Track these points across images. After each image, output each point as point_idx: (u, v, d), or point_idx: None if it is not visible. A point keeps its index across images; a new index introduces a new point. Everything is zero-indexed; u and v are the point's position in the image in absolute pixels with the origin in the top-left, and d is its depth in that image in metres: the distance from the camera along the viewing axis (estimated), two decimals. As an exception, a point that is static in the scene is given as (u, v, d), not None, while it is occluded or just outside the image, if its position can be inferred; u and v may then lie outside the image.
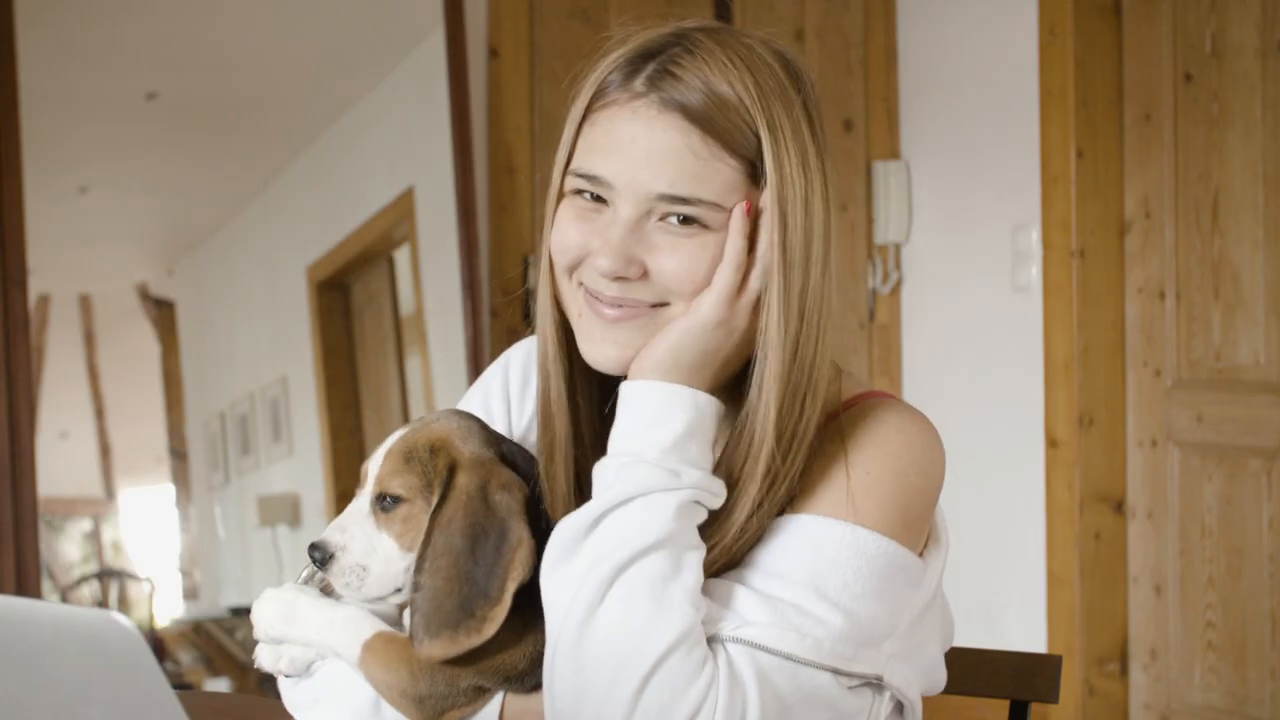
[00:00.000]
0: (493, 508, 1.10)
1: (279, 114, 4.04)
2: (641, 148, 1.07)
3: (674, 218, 1.08)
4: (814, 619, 1.06)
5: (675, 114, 1.07)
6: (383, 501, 1.13)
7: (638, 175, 1.07)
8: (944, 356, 3.55)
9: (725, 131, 1.07)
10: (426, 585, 1.09)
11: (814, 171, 1.09)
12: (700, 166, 1.07)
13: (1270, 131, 2.97)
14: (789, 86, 1.12)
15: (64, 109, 3.47)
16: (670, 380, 1.08)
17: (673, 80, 1.07)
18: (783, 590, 1.07)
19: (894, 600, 1.10)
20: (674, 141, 1.06)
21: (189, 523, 4.92)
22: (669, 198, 1.07)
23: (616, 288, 1.09)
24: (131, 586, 4.79)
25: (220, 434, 5.04)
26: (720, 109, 1.07)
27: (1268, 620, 3.02)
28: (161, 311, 4.52)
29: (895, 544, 1.10)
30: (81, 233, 3.94)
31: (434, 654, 1.08)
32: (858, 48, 3.61)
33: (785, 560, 1.09)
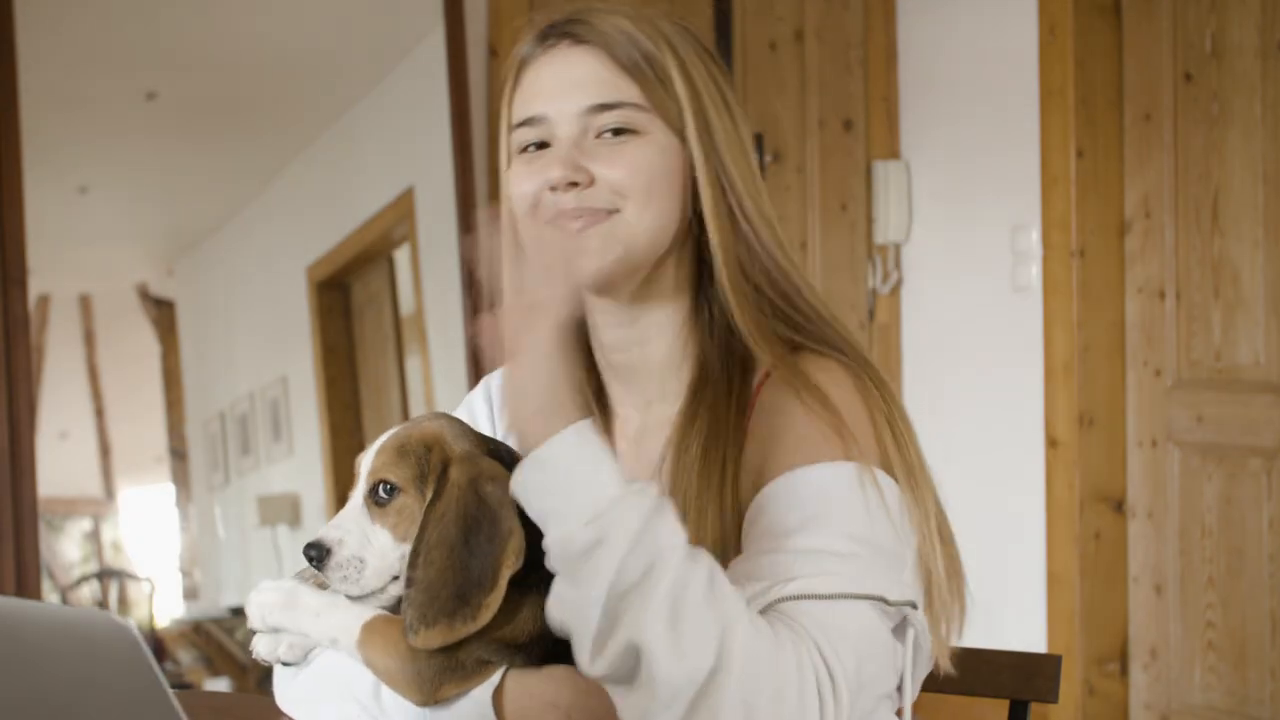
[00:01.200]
0: (484, 499, 1.11)
1: (279, 114, 4.05)
2: (563, 78, 1.21)
3: (608, 132, 1.20)
4: (842, 557, 1.08)
5: (586, 46, 1.21)
6: (377, 493, 1.15)
7: (566, 99, 1.20)
8: (944, 356, 3.55)
9: (630, 56, 1.20)
10: (421, 578, 1.10)
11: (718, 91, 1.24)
12: (617, 78, 1.20)
13: (1270, 131, 2.97)
14: (687, 34, 1.26)
15: (64, 109, 3.47)
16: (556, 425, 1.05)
17: (581, 25, 1.21)
18: (803, 542, 1.08)
19: (900, 528, 1.13)
20: (590, 64, 1.20)
21: (189, 523, 4.92)
22: (596, 107, 1.20)
23: (572, 197, 1.19)
24: (131, 586, 4.79)
25: (220, 434, 5.04)
26: (627, 40, 1.21)
27: (1268, 620, 3.02)
28: (161, 311, 4.52)
29: (882, 472, 1.13)
30: (81, 233, 3.95)
31: (431, 642, 1.09)
32: (858, 48, 3.61)
33: (794, 516, 1.10)
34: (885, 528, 1.11)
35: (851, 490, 1.11)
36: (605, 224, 1.20)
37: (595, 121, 1.20)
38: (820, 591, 1.06)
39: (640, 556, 0.99)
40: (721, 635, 0.99)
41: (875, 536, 1.10)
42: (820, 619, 1.05)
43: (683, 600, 0.99)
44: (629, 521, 1.00)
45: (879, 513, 1.11)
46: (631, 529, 1.00)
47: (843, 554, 1.08)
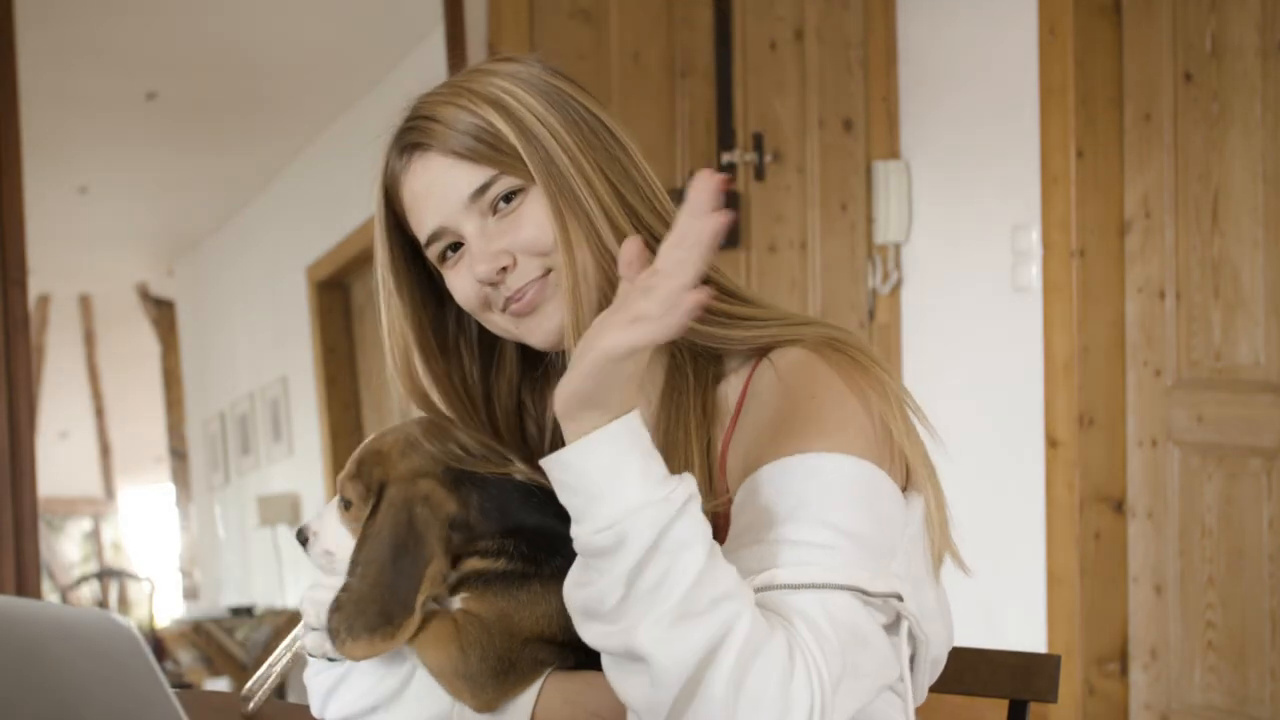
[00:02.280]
0: (413, 522, 1.16)
1: (279, 114, 4.05)
2: (431, 187, 1.25)
3: (501, 202, 1.24)
4: (822, 548, 1.09)
5: (432, 151, 1.25)
6: (343, 501, 1.23)
7: (445, 202, 1.24)
8: (944, 356, 3.55)
9: (468, 145, 1.23)
10: (352, 590, 1.16)
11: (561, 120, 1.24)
12: (472, 166, 1.23)
13: (1270, 131, 2.97)
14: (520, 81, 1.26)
15: (64, 109, 3.48)
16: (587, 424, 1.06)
17: (416, 134, 1.25)
18: (784, 533, 1.10)
19: (887, 517, 1.14)
20: (443, 165, 1.24)
21: (189, 523, 4.91)
22: (475, 192, 1.23)
23: (510, 280, 1.23)
24: (131, 586, 4.79)
25: (220, 434, 5.04)
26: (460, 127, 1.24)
27: (1268, 620, 3.02)
28: (161, 311, 4.52)
29: (871, 464, 1.14)
30: (81, 233, 3.95)
31: (355, 654, 1.15)
32: (858, 48, 3.61)
33: (776, 508, 1.12)
34: (867, 518, 1.12)
35: (834, 480, 1.12)
36: (548, 286, 1.23)
37: (482, 204, 1.23)
38: (798, 581, 1.07)
39: (654, 566, 1.02)
40: (723, 629, 1.02)
41: (857, 527, 1.11)
42: (800, 607, 1.07)
43: (692, 604, 1.02)
44: (643, 533, 1.02)
45: (861, 503, 1.12)
46: (645, 541, 1.02)
47: (821, 544, 1.09)
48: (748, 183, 3.60)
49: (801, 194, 3.63)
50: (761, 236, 3.62)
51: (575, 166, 1.22)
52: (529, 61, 1.28)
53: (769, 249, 3.62)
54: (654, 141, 3.52)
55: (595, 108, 1.27)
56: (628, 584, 1.03)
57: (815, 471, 1.13)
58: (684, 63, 3.57)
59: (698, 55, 3.58)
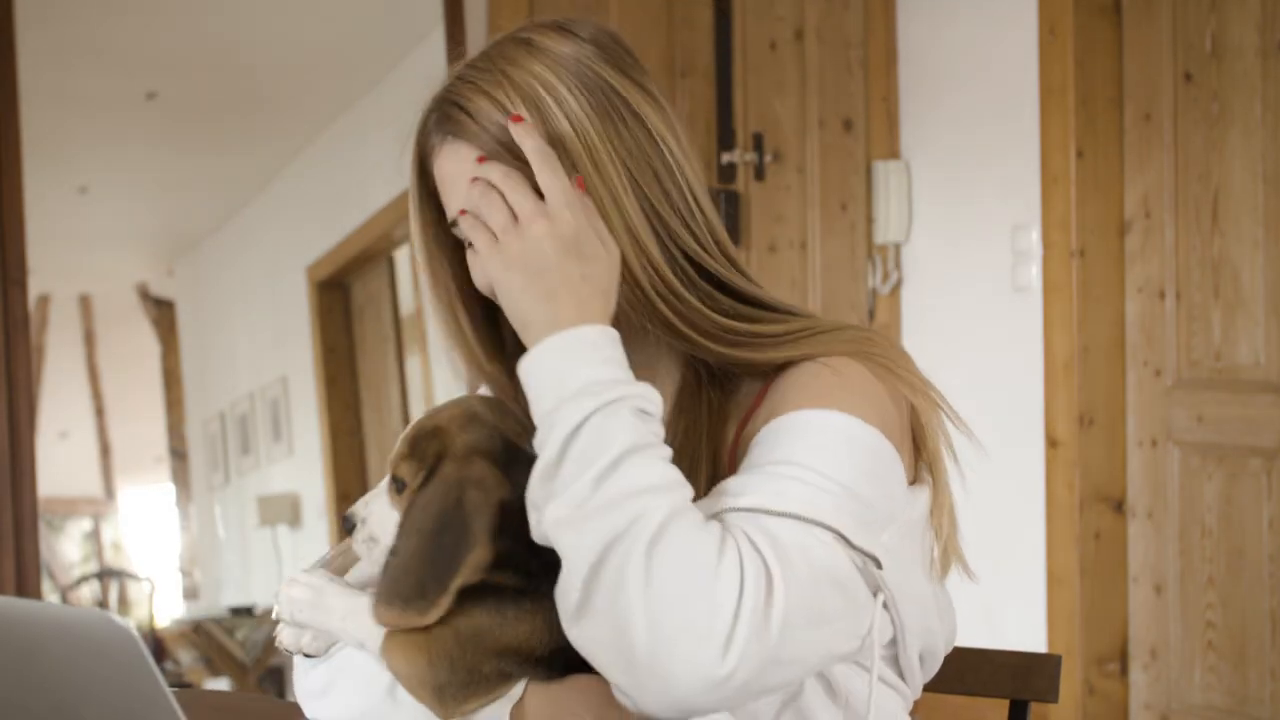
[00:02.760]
0: (462, 503, 1.13)
1: (279, 114, 4.05)
2: (463, 173, 1.19)
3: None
4: (812, 486, 1.08)
5: (460, 141, 1.20)
6: (395, 483, 1.18)
7: (463, 194, 1.19)
8: (944, 356, 3.55)
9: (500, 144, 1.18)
10: (397, 555, 1.14)
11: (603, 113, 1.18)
12: (493, 164, 1.17)
13: (1270, 131, 2.97)
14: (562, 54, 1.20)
15: (64, 109, 3.48)
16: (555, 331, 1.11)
17: (452, 120, 1.21)
18: (779, 468, 1.10)
19: (886, 485, 1.13)
20: (465, 158, 1.19)
21: (189, 523, 4.92)
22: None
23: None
24: (131, 586, 4.79)
25: (220, 434, 5.04)
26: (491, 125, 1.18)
27: (1268, 620, 3.02)
28: (161, 311, 4.52)
29: (881, 434, 1.14)
30: (81, 233, 3.95)
31: (383, 620, 1.12)
32: (858, 48, 3.61)
33: (775, 452, 1.12)
34: (866, 480, 1.11)
35: (841, 436, 1.12)
36: None
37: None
38: (779, 508, 1.07)
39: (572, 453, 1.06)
40: (631, 519, 1.03)
41: (853, 483, 1.10)
42: (770, 529, 1.06)
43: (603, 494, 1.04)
44: (568, 420, 1.06)
45: (864, 465, 1.12)
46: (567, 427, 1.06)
47: (813, 484, 1.08)
48: (748, 183, 3.60)
49: (801, 194, 3.63)
50: (761, 236, 3.62)
51: (605, 183, 1.17)
52: (583, 37, 1.21)
53: (769, 249, 3.62)
54: (654, 141, 3.52)
55: (641, 103, 1.20)
56: (545, 473, 1.07)
57: (825, 426, 1.12)
58: (684, 63, 3.57)
59: (698, 55, 3.58)
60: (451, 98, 1.20)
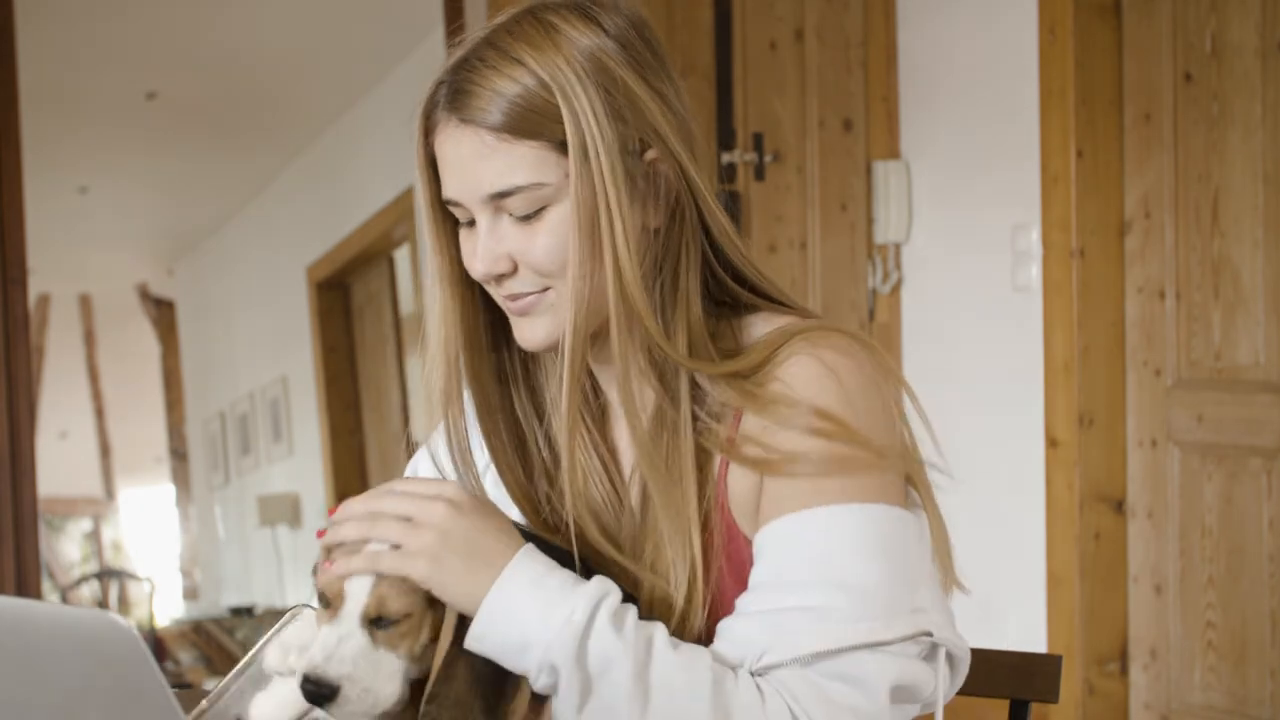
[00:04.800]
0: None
1: (279, 114, 4.05)
2: (462, 161, 1.16)
3: (516, 210, 1.16)
4: (820, 611, 1.08)
5: (470, 126, 1.15)
6: (380, 622, 1.09)
7: (465, 187, 1.17)
8: (944, 356, 3.55)
9: (524, 127, 1.14)
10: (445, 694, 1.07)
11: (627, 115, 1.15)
12: (511, 159, 1.15)
13: (1270, 131, 2.97)
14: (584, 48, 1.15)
15: (64, 109, 3.48)
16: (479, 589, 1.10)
17: (467, 95, 1.16)
18: (782, 599, 1.09)
19: (902, 556, 1.12)
20: (479, 148, 1.15)
21: (189, 523, 4.91)
22: (495, 195, 1.16)
23: (505, 287, 1.19)
24: (131, 586, 4.79)
25: (220, 434, 5.04)
26: (514, 107, 1.14)
27: (1268, 620, 3.02)
28: (161, 311, 4.52)
29: (878, 506, 1.12)
30: (81, 233, 3.94)
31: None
32: (858, 48, 3.61)
33: (778, 570, 1.11)
34: (883, 564, 1.11)
35: (848, 533, 1.11)
36: (542, 302, 1.18)
37: (501, 204, 1.16)
38: (786, 658, 1.08)
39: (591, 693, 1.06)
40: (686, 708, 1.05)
41: (867, 578, 1.09)
42: (787, 683, 1.07)
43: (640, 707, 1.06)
44: (564, 661, 1.06)
45: (877, 550, 1.11)
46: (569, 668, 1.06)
47: (820, 608, 1.08)
48: (748, 183, 3.60)
49: (801, 194, 3.63)
50: (761, 236, 3.62)
51: (603, 197, 1.13)
52: (607, 30, 1.16)
53: (769, 249, 3.62)
54: (654, 141, 3.52)
55: (658, 116, 1.17)
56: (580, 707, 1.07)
57: (827, 529, 1.11)
58: (684, 63, 3.57)
59: (698, 55, 3.58)
60: (463, 78, 1.16)
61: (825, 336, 1.17)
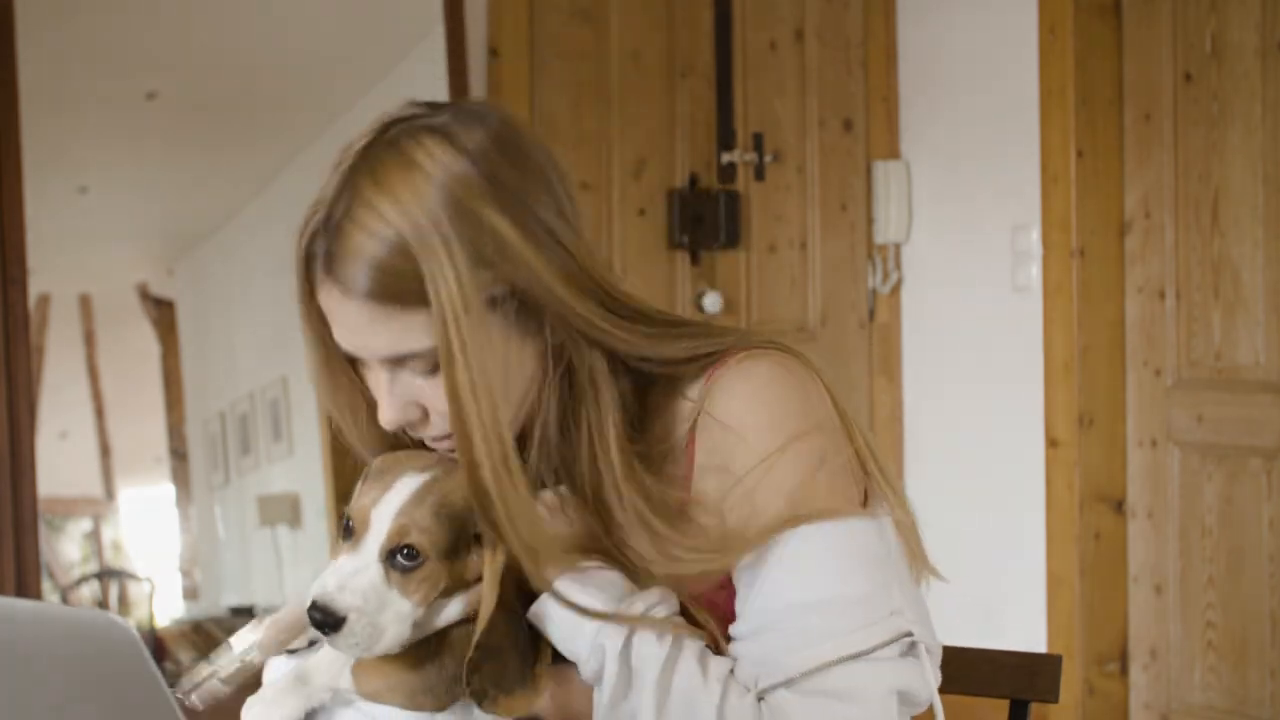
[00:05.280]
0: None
1: (279, 114, 4.04)
2: (350, 324, 1.13)
3: (416, 369, 1.13)
4: (800, 632, 1.10)
5: (353, 297, 1.11)
6: (396, 558, 1.08)
7: (361, 344, 1.14)
8: (944, 356, 3.55)
9: (399, 293, 1.10)
10: (488, 644, 1.07)
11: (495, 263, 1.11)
12: (399, 326, 1.11)
13: (1270, 131, 2.97)
14: (444, 186, 1.11)
15: (64, 109, 3.47)
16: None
17: (338, 264, 1.12)
18: (764, 625, 1.12)
19: (872, 563, 1.14)
20: (364, 317, 1.12)
21: (189, 523, 4.92)
22: (391, 359, 1.13)
23: (419, 431, 1.17)
24: (131, 586, 4.79)
25: (220, 434, 5.04)
26: (385, 276, 1.10)
27: (1268, 620, 3.02)
28: (161, 311, 4.52)
29: (844, 521, 1.14)
30: (81, 233, 3.94)
31: (516, 710, 1.07)
32: (858, 48, 3.61)
33: (758, 598, 1.13)
34: (859, 575, 1.12)
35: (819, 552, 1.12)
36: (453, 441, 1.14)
37: (400, 363, 1.14)
38: (777, 680, 1.10)
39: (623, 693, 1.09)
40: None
41: (845, 590, 1.11)
42: (782, 705, 1.10)
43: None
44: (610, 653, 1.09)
45: (850, 563, 1.13)
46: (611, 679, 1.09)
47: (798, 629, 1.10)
48: (748, 183, 3.60)
49: (801, 194, 3.63)
50: (761, 236, 3.62)
51: (480, 349, 1.09)
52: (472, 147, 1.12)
53: (769, 249, 3.62)
54: (654, 141, 3.52)
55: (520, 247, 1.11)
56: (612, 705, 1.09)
57: (798, 553, 1.12)
58: (684, 63, 3.57)
59: (698, 55, 3.58)
60: (334, 242, 1.12)
61: (749, 358, 1.17)
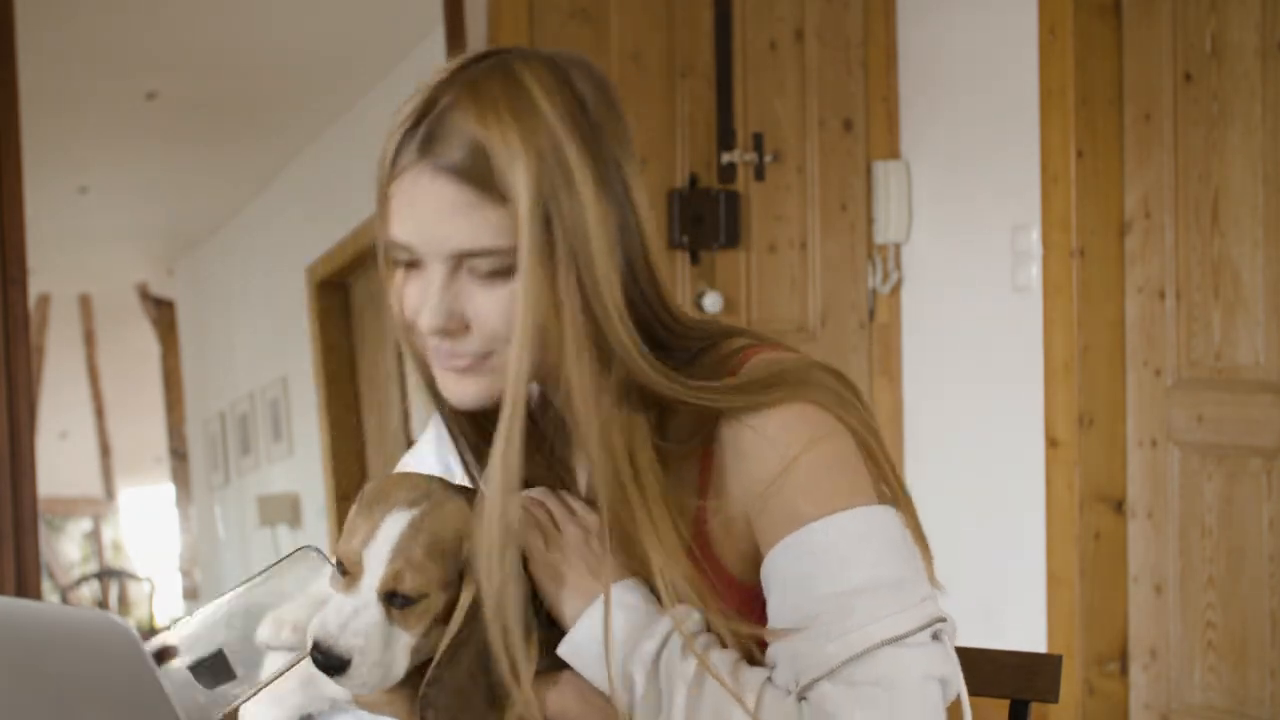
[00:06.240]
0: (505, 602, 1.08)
1: (279, 114, 4.04)
2: (429, 210, 1.11)
3: (479, 269, 1.12)
4: (839, 618, 1.09)
5: (444, 176, 1.11)
6: (396, 598, 1.07)
7: (432, 235, 1.12)
8: (944, 356, 3.55)
9: (489, 183, 1.10)
10: (447, 679, 1.06)
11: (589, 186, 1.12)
12: (480, 218, 1.11)
13: (1270, 131, 2.97)
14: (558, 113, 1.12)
15: (64, 109, 3.47)
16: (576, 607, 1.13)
17: (437, 143, 1.11)
18: (802, 619, 1.10)
19: (902, 549, 1.13)
20: (449, 200, 1.11)
21: (189, 523, 4.92)
22: (461, 253, 1.12)
23: (447, 345, 1.14)
24: (131, 586, 4.79)
25: (220, 434, 5.04)
26: (482, 160, 1.10)
27: (1268, 620, 3.02)
28: (161, 311, 4.52)
29: (869, 508, 1.13)
30: (81, 233, 3.94)
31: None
32: (858, 48, 3.61)
33: (793, 591, 1.12)
34: (891, 560, 1.12)
35: (852, 539, 1.12)
36: (485, 365, 1.14)
37: (463, 262, 1.12)
38: (820, 673, 1.08)
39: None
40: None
41: (880, 574, 1.11)
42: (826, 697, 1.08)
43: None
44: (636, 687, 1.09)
45: (884, 548, 1.12)
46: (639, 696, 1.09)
47: (836, 618, 1.09)
48: (748, 183, 3.60)
49: (801, 194, 3.63)
50: (761, 236, 3.62)
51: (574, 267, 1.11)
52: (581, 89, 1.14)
53: (769, 249, 3.62)
54: (654, 141, 3.52)
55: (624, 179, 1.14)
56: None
57: (830, 541, 1.11)
58: (684, 63, 3.57)
59: (698, 55, 3.58)
60: (440, 123, 1.11)
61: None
